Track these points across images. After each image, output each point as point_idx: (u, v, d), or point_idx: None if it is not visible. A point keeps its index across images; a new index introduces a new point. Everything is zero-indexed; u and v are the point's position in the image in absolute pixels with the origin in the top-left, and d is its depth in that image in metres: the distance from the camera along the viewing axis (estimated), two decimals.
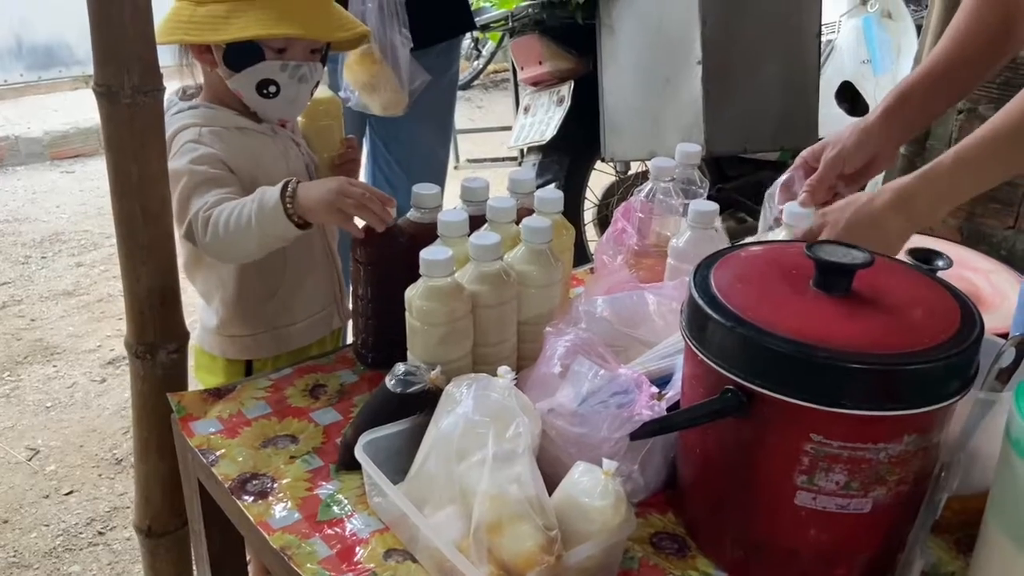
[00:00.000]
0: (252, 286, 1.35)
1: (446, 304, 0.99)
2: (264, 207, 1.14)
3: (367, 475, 0.90)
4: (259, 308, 1.37)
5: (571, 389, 0.89)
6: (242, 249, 1.20)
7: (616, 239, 1.33)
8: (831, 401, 0.71)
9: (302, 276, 1.38)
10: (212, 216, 1.18)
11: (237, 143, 1.28)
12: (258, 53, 1.23)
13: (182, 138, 1.25)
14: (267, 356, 1.41)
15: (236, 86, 1.27)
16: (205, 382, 1.45)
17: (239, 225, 1.16)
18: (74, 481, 2.08)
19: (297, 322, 1.41)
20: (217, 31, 1.20)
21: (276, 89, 1.26)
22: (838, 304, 0.78)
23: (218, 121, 1.28)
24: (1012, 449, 0.66)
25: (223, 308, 1.37)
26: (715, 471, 0.84)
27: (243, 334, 1.38)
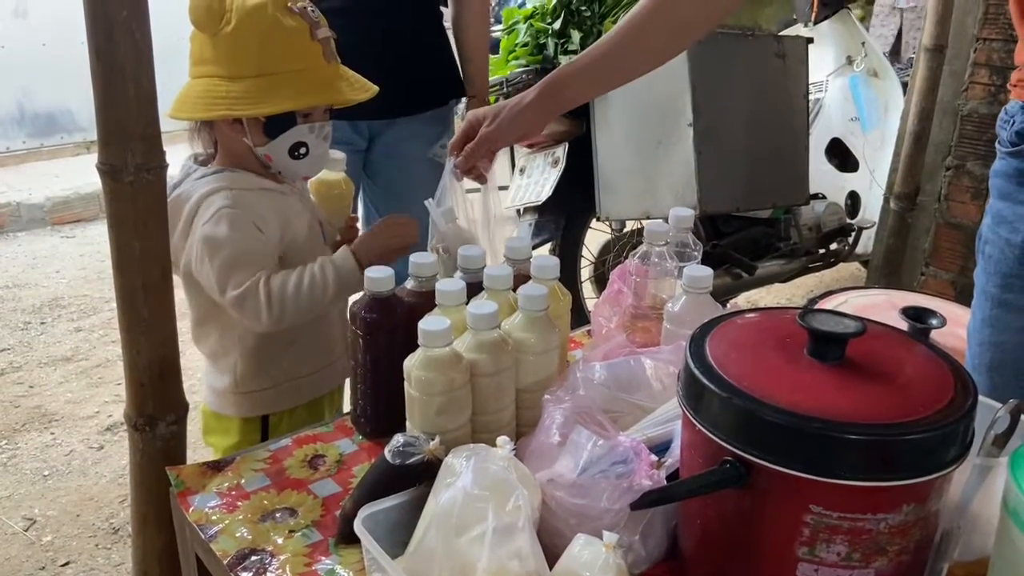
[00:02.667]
0: (273, 336, 1.40)
1: (444, 374, 0.99)
2: (343, 275, 1.33)
3: (366, 550, 0.89)
4: (278, 359, 1.43)
5: (570, 459, 0.89)
6: (315, 310, 1.35)
7: (612, 301, 1.34)
8: (828, 472, 0.71)
9: (318, 324, 1.43)
10: (274, 292, 1.30)
11: (264, 204, 1.37)
12: (292, 120, 1.35)
13: (214, 202, 1.32)
14: (285, 408, 1.44)
15: (268, 151, 1.37)
16: (218, 446, 1.46)
17: (314, 295, 1.31)
18: (70, 552, 2.06)
19: (316, 371, 1.46)
20: (263, 105, 1.30)
21: (306, 151, 1.38)
22: (832, 372, 0.79)
23: (244, 183, 1.36)
24: (1011, 520, 0.66)
25: (241, 362, 1.42)
26: (716, 542, 0.83)
27: (261, 388, 1.43)
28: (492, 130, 1.28)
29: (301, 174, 1.43)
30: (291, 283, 1.30)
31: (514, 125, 1.28)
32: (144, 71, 1.04)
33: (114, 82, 1.03)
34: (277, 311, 1.30)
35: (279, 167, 1.39)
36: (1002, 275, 1.13)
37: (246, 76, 1.30)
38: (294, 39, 1.32)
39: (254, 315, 1.31)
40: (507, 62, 2.61)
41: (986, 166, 2.57)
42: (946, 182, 2.64)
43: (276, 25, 1.30)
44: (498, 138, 1.30)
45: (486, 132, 1.29)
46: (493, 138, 1.29)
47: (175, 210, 1.34)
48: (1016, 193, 1.12)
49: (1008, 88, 1.16)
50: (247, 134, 1.35)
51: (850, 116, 3.33)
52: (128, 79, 1.03)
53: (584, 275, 2.94)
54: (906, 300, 1.83)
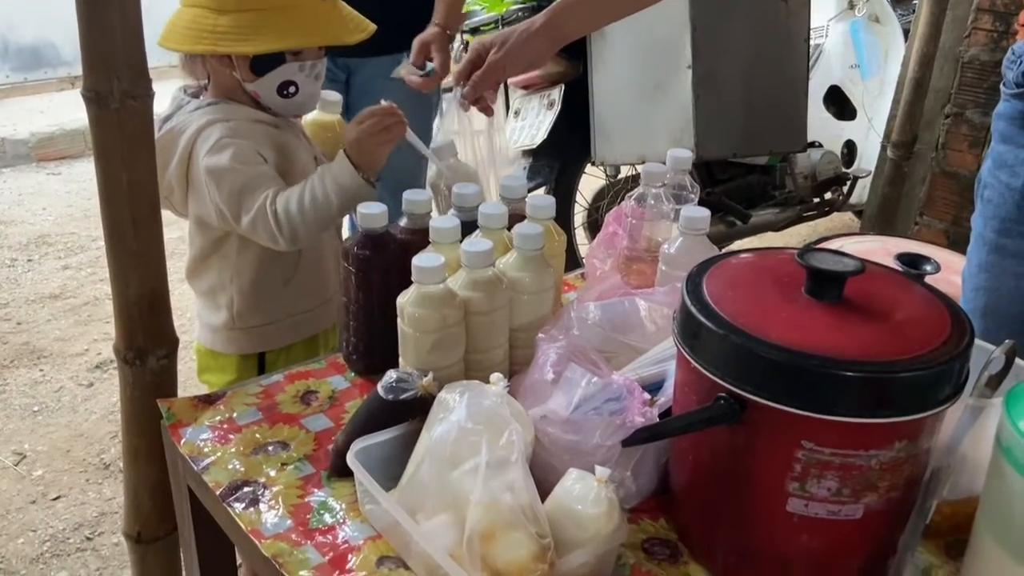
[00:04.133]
0: (269, 273, 1.40)
1: (438, 311, 0.98)
2: (342, 182, 1.26)
3: (359, 482, 0.89)
4: (276, 295, 1.42)
5: (563, 396, 0.89)
6: (324, 225, 1.31)
7: (607, 243, 1.33)
8: (823, 408, 0.72)
9: (316, 261, 1.42)
10: (279, 210, 1.27)
11: (262, 136, 1.34)
12: (280, 58, 1.30)
13: (213, 133, 1.29)
14: (282, 345, 1.44)
15: (256, 88, 1.33)
16: (213, 384, 1.46)
17: (317, 207, 1.26)
18: (61, 486, 2.07)
19: (312, 308, 1.45)
20: (248, 42, 1.26)
21: (295, 89, 1.34)
22: (830, 311, 0.79)
23: (238, 115, 1.33)
24: (1003, 457, 0.67)
25: (239, 298, 1.41)
26: (707, 478, 0.84)
27: (259, 324, 1.42)
28: (500, 57, 1.25)
29: (291, 112, 1.40)
30: (294, 200, 1.27)
31: (523, 52, 1.25)
32: None
33: (99, 6, 1.00)
34: (288, 230, 1.28)
35: (268, 104, 1.36)
36: (1000, 220, 1.12)
37: (232, 10, 1.26)
38: None
39: (269, 238, 1.29)
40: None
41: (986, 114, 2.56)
42: (944, 130, 2.61)
43: None
44: (506, 65, 1.26)
45: (494, 59, 1.25)
46: (500, 65, 1.26)
47: (168, 143, 1.32)
48: (1018, 136, 1.11)
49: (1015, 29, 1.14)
50: (236, 69, 1.32)
51: (850, 63, 3.29)
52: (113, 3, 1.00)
53: (577, 221, 2.92)
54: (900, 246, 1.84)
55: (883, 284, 0.83)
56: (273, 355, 1.48)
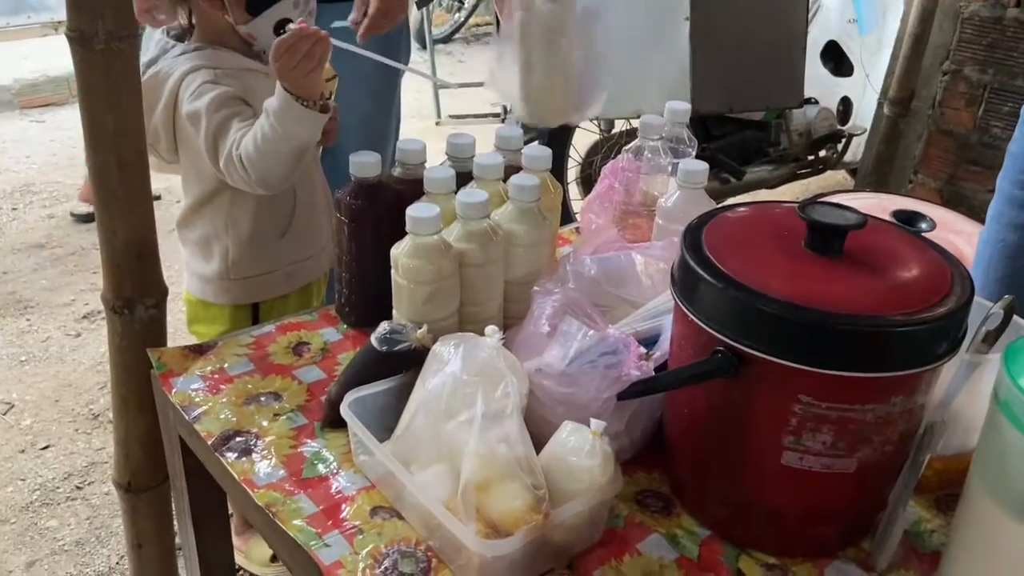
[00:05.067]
0: (266, 222, 1.38)
1: (433, 262, 0.97)
2: (283, 111, 1.19)
3: (353, 433, 0.89)
4: (272, 245, 1.41)
5: (559, 349, 0.89)
6: (285, 162, 1.24)
7: (603, 197, 1.32)
8: (821, 363, 0.71)
9: (310, 210, 1.42)
10: (241, 153, 1.23)
11: (247, 83, 1.31)
12: None
13: (196, 79, 1.27)
14: (277, 295, 1.43)
15: (251, 29, 1.30)
16: (203, 335, 1.45)
17: (269, 141, 1.20)
18: (50, 436, 2.06)
19: (308, 257, 1.44)
20: None
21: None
22: (830, 266, 0.78)
23: (226, 62, 1.31)
24: (1000, 412, 0.67)
25: (234, 248, 1.40)
26: (702, 431, 0.84)
27: (253, 274, 1.41)
28: None
29: None
30: (250, 143, 1.23)
31: None
32: None
33: None
34: (254, 173, 1.24)
35: (263, 46, 1.32)
36: (1019, 170, 1.12)
37: None
38: None
39: (243, 182, 1.27)
40: None
41: (983, 72, 2.55)
42: (942, 87, 2.60)
43: None
44: None
45: None
46: None
47: (154, 88, 1.29)
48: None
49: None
50: (228, 11, 1.28)
51: (848, 18, 3.25)
52: None
53: (571, 176, 2.89)
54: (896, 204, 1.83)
55: (884, 239, 0.82)
56: (267, 305, 1.47)
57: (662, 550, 0.83)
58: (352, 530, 0.84)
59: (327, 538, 0.83)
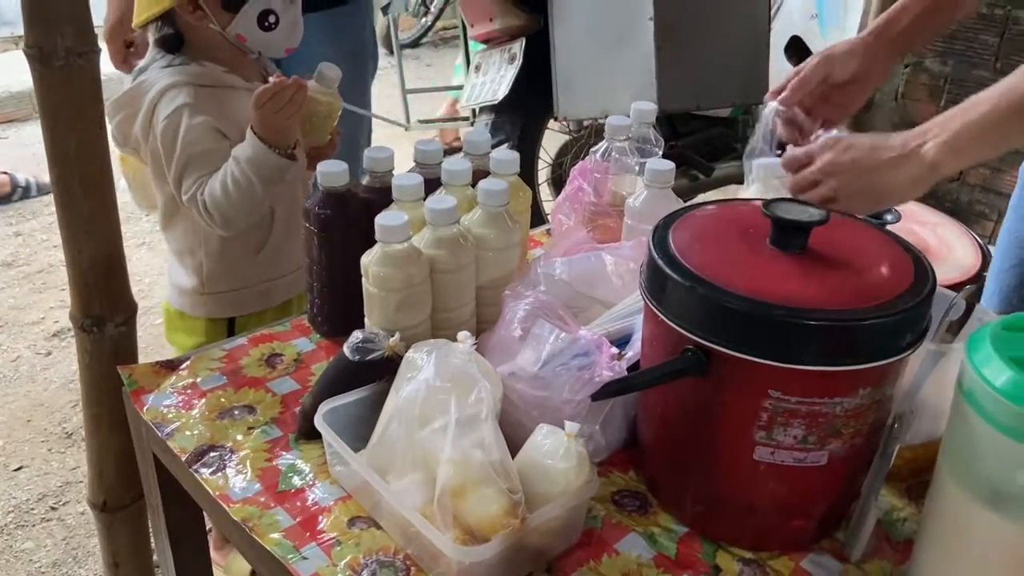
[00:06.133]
0: (241, 239, 1.37)
1: (403, 270, 0.97)
2: (258, 163, 1.22)
3: (328, 444, 0.89)
4: (246, 262, 1.40)
5: (531, 352, 0.89)
6: (253, 206, 1.28)
7: (572, 198, 1.32)
8: (789, 358, 0.72)
9: (288, 228, 1.40)
10: (207, 198, 1.25)
11: (228, 102, 1.30)
12: None
13: (175, 98, 1.26)
14: (252, 311, 1.42)
15: (238, 29, 1.29)
16: (181, 344, 1.44)
17: (241, 191, 1.23)
18: (23, 456, 2.03)
19: (284, 275, 1.43)
20: None
21: (276, 19, 1.30)
22: (794, 262, 0.79)
23: (207, 79, 1.29)
24: (964, 400, 0.68)
25: (208, 263, 1.39)
26: (675, 429, 0.85)
27: (228, 289, 1.40)
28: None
29: (281, 46, 1.36)
30: (217, 187, 1.25)
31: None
32: None
33: None
34: (220, 217, 1.27)
35: (255, 44, 1.33)
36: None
37: None
38: None
39: (204, 221, 1.29)
40: None
41: (944, 64, 2.59)
42: (904, 80, 2.64)
43: None
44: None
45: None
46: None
47: (136, 96, 1.30)
48: None
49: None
50: (210, 18, 1.27)
51: (810, 13, 3.28)
52: None
53: (542, 177, 2.90)
54: None
55: (847, 233, 0.83)
56: (243, 320, 1.46)
57: (640, 549, 0.84)
58: (330, 541, 0.83)
59: (305, 551, 0.82)
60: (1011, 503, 0.67)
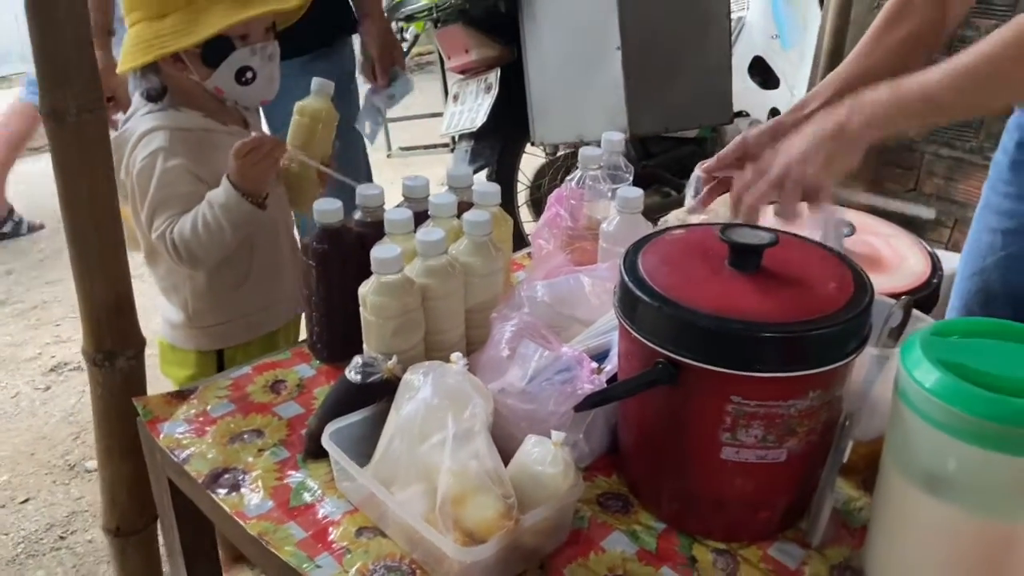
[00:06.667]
0: (222, 275, 1.45)
1: (398, 298, 1.06)
2: (231, 209, 1.30)
3: (334, 462, 0.97)
4: (230, 296, 1.47)
5: (519, 370, 0.98)
6: (221, 249, 1.35)
7: (551, 223, 1.41)
8: (746, 367, 0.81)
9: (270, 263, 1.47)
10: (176, 237, 1.32)
11: (205, 145, 1.38)
12: (229, 45, 1.34)
13: (152, 141, 1.34)
14: (239, 343, 1.48)
15: (216, 82, 1.37)
16: (175, 376, 1.51)
17: (211, 233, 1.30)
18: (29, 489, 2.09)
19: (268, 307, 1.50)
20: (191, 35, 1.29)
21: (253, 75, 1.37)
22: (750, 280, 0.88)
23: (186, 123, 1.36)
24: (900, 399, 0.77)
25: (193, 299, 1.46)
26: (651, 434, 0.93)
27: (214, 323, 1.47)
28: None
29: (257, 99, 1.44)
30: (188, 229, 1.33)
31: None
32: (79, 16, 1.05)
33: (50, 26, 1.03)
34: (187, 255, 1.34)
35: (232, 96, 1.40)
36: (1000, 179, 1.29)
37: (171, 11, 1.31)
38: None
39: (173, 259, 1.36)
40: None
41: None
42: None
43: None
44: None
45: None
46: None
47: (120, 145, 1.37)
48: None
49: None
50: (190, 70, 1.36)
51: (771, 34, 3.41)
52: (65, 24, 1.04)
53: (521, 199, 3.00)
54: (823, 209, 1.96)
55: (795, 252, 0.93)
56: (231, 351, 1.53)
57: (623, 545, 0.92)
58: (340, 550, 0.91)
59: (318, 560, 0.90)
60: (945, 487, 0.76)
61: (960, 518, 0.76)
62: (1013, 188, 1.25)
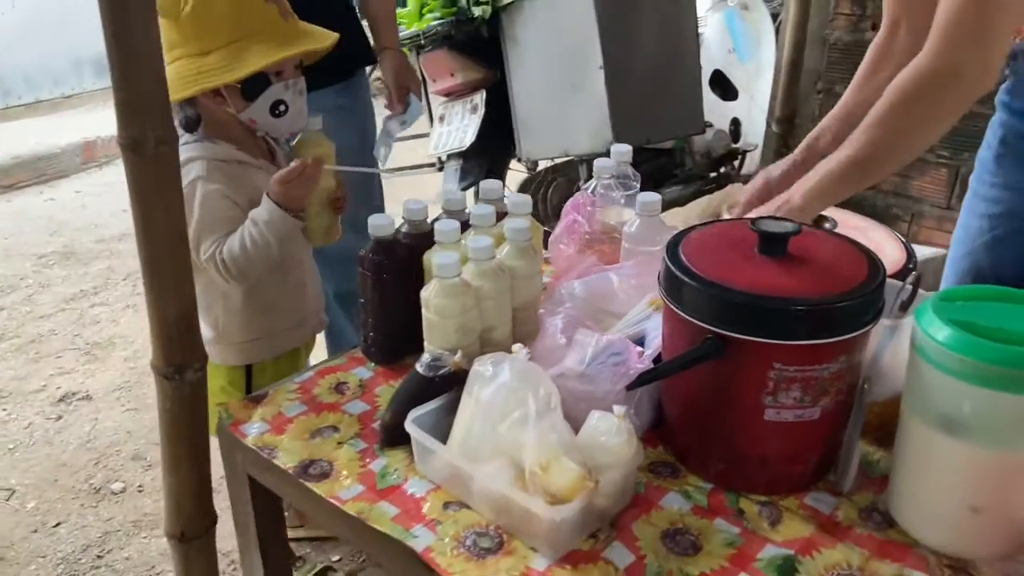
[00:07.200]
0: (253, 296, 1.55)
1: (458, 299, 1.18)
2: (279, 226, 1.43)
3: (417, 444, 1.08)
4: (258, 317, 1.56)
5: (576, 355, 1.10)
6: (268, 262, 1.47)
7: (569, 229, 1.55)
8: (786, 336, 0.95)
9: (299, 286, 1.58)
10: (224, 256, 1.43)
11: (238, 176, 1.48)
12: (265, 80, 1.45)
13: (191, 171, 1.44)
14: (266, 359, 1.59)
15: (251, 114, 1.48)
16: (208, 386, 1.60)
17: (259, 249, 1.42)
18: (58, 513, 2.13)
19: (291, 328, 1.61)
20: (234, 71, 1.40)
21: (285, 108, 1.49)
22: (778, 264, 1.02)
23: (221, 155, 1.47)
24: (918, 355, 0.92)
25: (225, 316, 1.56)
26: (698, 405, 1.07)
27: (243, 340, 1.56)
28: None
29: (285, 130, 1.56)
30: (236, 246, 1.45)
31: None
32: (156, 52, 1.15)
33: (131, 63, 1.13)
34: (236, 272, 1.46)
35: (264, 127, 1.51)
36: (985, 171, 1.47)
37: (213, 49, 1.42)
38: (248, 4, 1.43)
39: (220, 278, 1.48)
40: (421, 16, 2.73)
41: None
42: (818, 105, 2.97)
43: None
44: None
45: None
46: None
47: None
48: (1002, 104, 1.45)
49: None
50: (228, 103, 1.46)
51: (728, 48, 3.62)
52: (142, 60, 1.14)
53: None
54: None
55: (814, 240, 1.08)
56: (259, 366, 1.63)
57: (679, 503, 1.05)
58: (432, 522, 1.02)
59: (414, 530, 1.01)
60: (960, 427, 0.90)
61: (975, 453, 0.90)
62: (999, 178, 1.44)
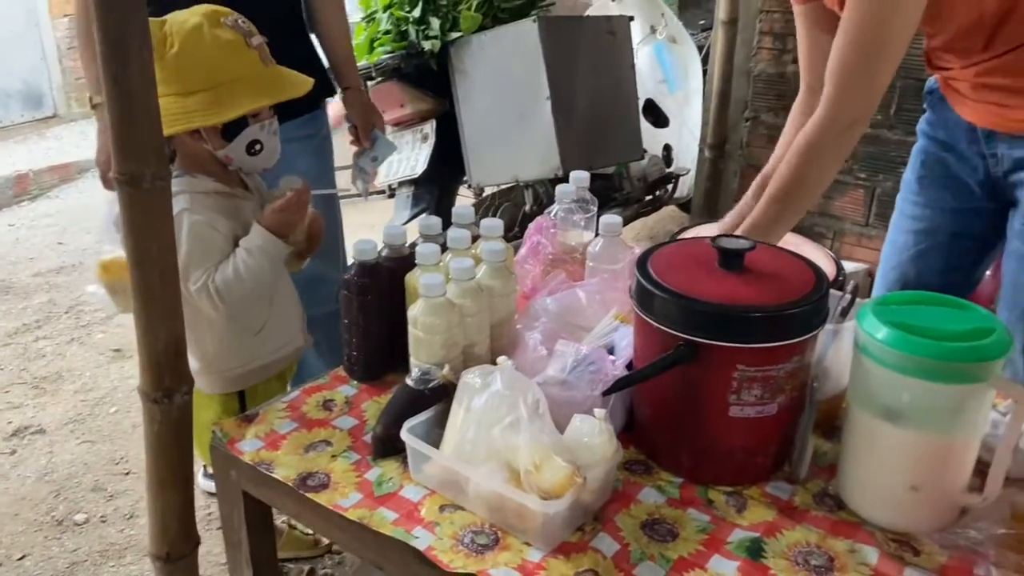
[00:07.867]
0: (240, 326, 1.58)
1: (443, 317, 1.26)
2: (271, 252, 1.49)
3: (413, 451, 1.15)
4: (251, 343, 1.61)
5: (558, 364, 1.20)
6: (262, 287, 1.52)
7: (533, 251, 1.65)
8: (749, 340, 1.07)
9: (283, 309, 1.63)
10: (218, 284, 1.48)
11: (220, 207, 1.53)
12: (244, 122, 1.51)
13: (176, 203, 1.48)
14: (257, 382, 1.63)
15: (228, 152, 1.54)
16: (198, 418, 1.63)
17: (252, 274, 1.47)
18: (22, 546, 2.11)
19: (279, 348, 1.66)
20: (219, 115, 1.45)
21: (261, 147, 1.56)
22: (737, 277, 1.15)
23: (203, 188, 1.52)
24: (860, 352, 1.05)
25: (215, 343, 1.59)
26: (669, 405, 1.17)
27: (237, 367, 1.60)
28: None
29: (259, 167, 1.62)
30: (230, 274, 1.50)
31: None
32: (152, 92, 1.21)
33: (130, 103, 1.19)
34: (229, 299, 1.51)
35: (239, 164, 1.57)
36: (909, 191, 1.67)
37: (197, 90, 1.47)
38: (233, 50, 1.50)
39: (211, 307, 1.52)
40: (371, 49, 2.82)
41: (776, 116, 3.14)
42: (746, 131, 3.17)
43: (215, 41, 1.47)
44: None
45: None
46: None
47: None
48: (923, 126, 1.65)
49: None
50: (206, 141, 1.52)
51: (658, 79, 3.81)
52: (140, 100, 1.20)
53: None
54: None
55: (769, 256, 1.20)
56: (251, 390, 1.68)
57: (654, 496, 1.15)
58: (430, 524, 1.10)
59: (415, 532, 1.09)
60: (901, 416, 1.03)
61: (914, 438, 1.03)
62: (921, 198, 1.62)
